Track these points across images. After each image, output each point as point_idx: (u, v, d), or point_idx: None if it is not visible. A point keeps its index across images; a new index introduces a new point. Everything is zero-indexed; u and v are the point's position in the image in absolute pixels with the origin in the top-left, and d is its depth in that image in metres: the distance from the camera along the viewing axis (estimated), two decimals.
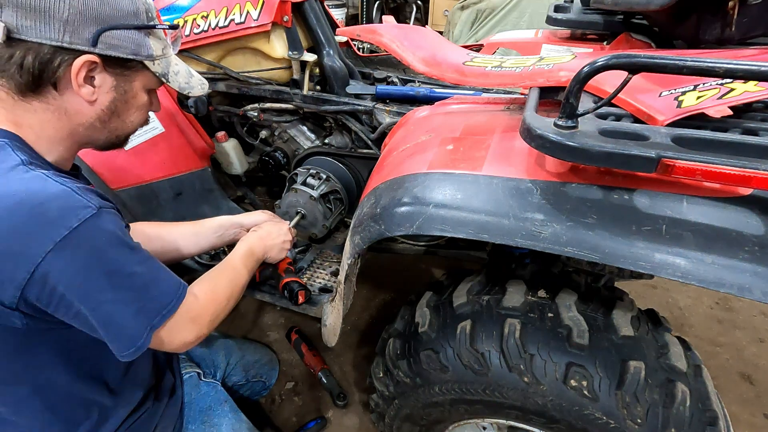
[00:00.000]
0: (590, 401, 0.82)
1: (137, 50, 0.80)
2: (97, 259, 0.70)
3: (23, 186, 0.67)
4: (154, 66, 0.84)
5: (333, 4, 4.81)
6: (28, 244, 0.65)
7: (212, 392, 1.16)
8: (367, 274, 2.20)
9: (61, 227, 0.66)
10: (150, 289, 0.77)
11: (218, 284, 0.96)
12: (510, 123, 0.96)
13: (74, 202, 0.69)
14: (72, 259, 0.68)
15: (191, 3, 1.42)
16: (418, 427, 1.15)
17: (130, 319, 0.74)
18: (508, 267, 1.10)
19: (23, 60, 0.70)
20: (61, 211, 0.67)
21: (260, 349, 1.55)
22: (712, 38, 1.00)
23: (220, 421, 1.10)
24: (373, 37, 1.27)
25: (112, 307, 0.72)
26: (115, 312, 0.72)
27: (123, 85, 0.82)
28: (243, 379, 1.41)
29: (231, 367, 1.38)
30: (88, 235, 0.69)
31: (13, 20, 0.69)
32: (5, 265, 0.66)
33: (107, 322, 0.73)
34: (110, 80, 0.79)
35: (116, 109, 0.83)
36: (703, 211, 0.67)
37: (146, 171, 1.45)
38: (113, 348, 0.75)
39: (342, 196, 1.49)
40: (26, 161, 0.71)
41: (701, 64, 0.57)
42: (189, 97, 1.49)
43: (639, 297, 2.13)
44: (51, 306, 0.70)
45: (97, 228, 0.70)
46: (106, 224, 0.71)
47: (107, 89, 0.80)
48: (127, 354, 0.75)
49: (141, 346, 0.75)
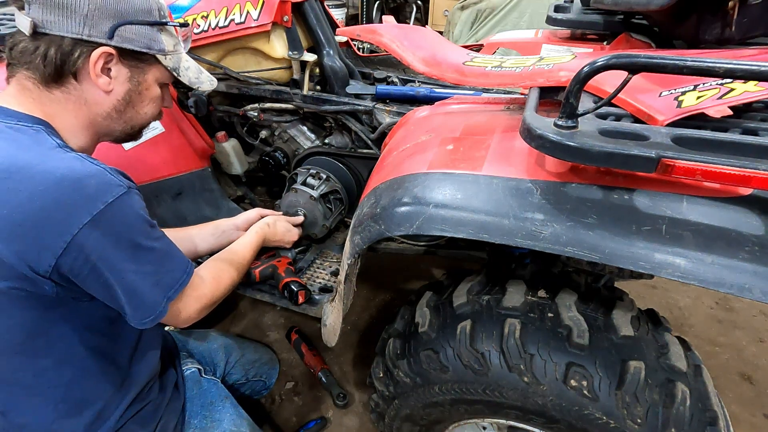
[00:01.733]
0: (590, 401, 0.82)
1: (150, 44, 0.87)
2: (125, 233, 0.77)
3: (65, 164, 0.74)
4: (166, 60, 0.91)
5: (333, 4, 4.81)
6: (68, 215, 0.71)
7: (213, 388, 1.17)
8: (367, 274, 2.20)
9: (98, 202, 0.73)
10: (165, 263, 0.84)
11: (224, 269, 1.03)
12: (510, 123, 0.96)
13: (110, 180, 0.76)
14: (105, 232, 0.74)
15: (191, 3, 1.42)
16: (418, 427, 1.14)
17: (150, 290, 0.80)
18: (508, 267, 1.10)
19: (47, 52, 0.78)
20: (99, 187, 0.74)
21: (260, 349, 1.55)
22: (712, 38, 1.00)
23: (222, 416, 1.11)
24: (373, 37, 1.27)
25: (134, 277, 0.78)
26: (137, 282, 0.79)
27: (137, 77, 0.88)
28: (243, 377, 1.42)
29: (231, 365, 1.38)
30: (120, 211, 0.76)
31: (39, 15, 0.77)
32: (46, 233, 0.71)
33: (131, 291, 0.79)
34: (125, 71, 0.86)
35: (131, 100, 0.89)
36: (703, 211, 0.67)
37: (146, 171, 1.45)
38: (134, 315, 0.81)
39: (342, 196, 1.49)
40: (62, 145, 0.79)
41: (701, 64, 0.57)
42: (190, 97, 1.49)
43: (639, 297, 2.13)
44: (81, 275, 0.75)
45: (127, 205, 0.77)
46: (134, 202, 0.79)
47: (123, 80, 0.86)
48: (147, 321, 0.81)
49: (159, 314, 0.82)
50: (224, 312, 2.04)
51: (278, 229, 1.30)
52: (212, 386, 1.18)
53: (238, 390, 1.41)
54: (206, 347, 1.35)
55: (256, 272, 1.27)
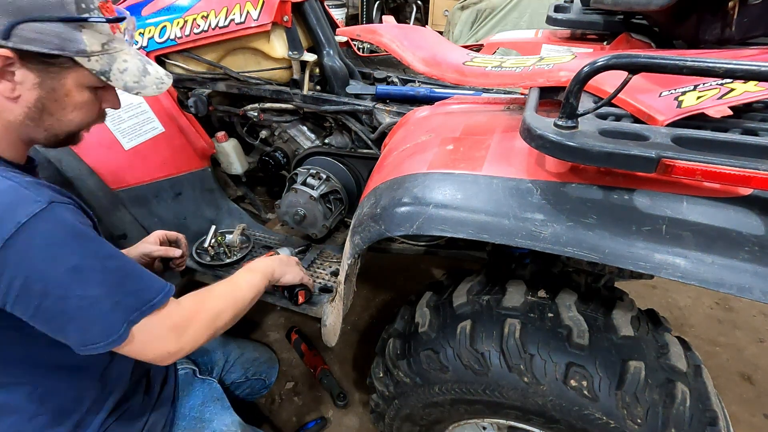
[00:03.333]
0: (590, 401, 0.82)
1: (63, 45, 0.71)
2: (54, 253, 0.68)
3: None
4: (90, 63, 0.75)
5: (333, 4, 4.81)
6: None
7: (206, 389, 1.16)
8: (367, 274, 2.20)
9: (8, 223, 0.65)
10: (125, 284, 0.74)
11: (208, 297, 0.90)
12: (510, 123, 0.96)
13: (22, 198, 0.67)
14: (26, 256, 0.66)
15: (191, 3, 1.42)
16: (418, 427, 1.14)
17: (107, 313, 0.71)
18: (508, 267, 1.10)
19: None
20: (8, 206, 0.66)
21: (259, 348, 1.55)
22: (712, 38, 1.00)
23: (212, 417, 1.10)
24: (373, 37, 1.27)
25: (79, 303, 0.69)
26: (85, 306, 0.70)
27: (49, 83, 0.74)
28: (242, 376, 1.41)
29: (230, 364, 1.37)
30: (40, 230, 0.67)
31: None
32: None
33: (74, 317, 0.70)
34: (32, 76, 0.72)
35: (46, 108, 0.76)
36: (703, 211, 0.67)
37: (146, 171, 1.45)
38: (81, 341, 0.72)
39: (342, 196, 1.49)
40: None
41: (701, 64, 0.57)
42: (190, 97, 1.49)
43: (639, 297, 2.13)
44: (8, 304, 0.68)
45: (49, 222, 0.68)
46: (59, 218, 0.69)
47: (30, 86, 0.73)
48: (96, 346, 0.72)
49: (116, 340, 0.72)
50: None
51: (286, 275, 1.15)
52: (205, 387, 1.16)
53: (237, 388, 1.41)
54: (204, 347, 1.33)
55: None
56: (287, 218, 1.52)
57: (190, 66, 1.52)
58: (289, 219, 1.51)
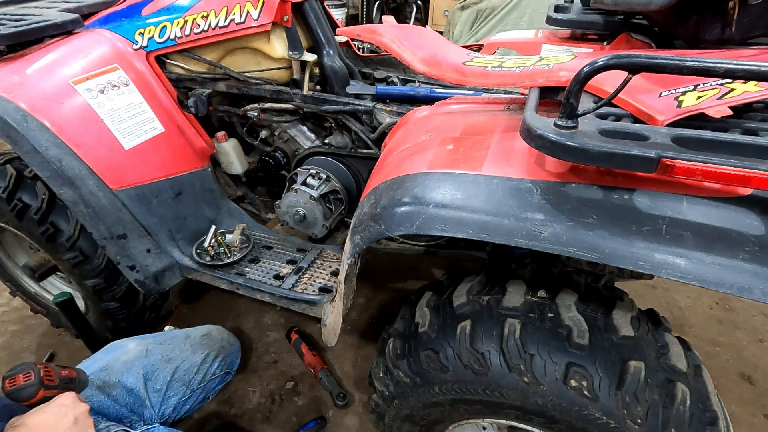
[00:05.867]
0: (590, 401, 0.82)
1: None
2: None
3: None
4: None
5: (333, 4, 4.81)
6: None
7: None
8: (367, 274, 2.20)
9: None
10: None
11: None
12: (510, 123, 0.96)
13: None
14: None
15: (191, 3, 1.42)
16: (418, 427, 1.14)
17: None
18: (508, 267, 1.10)
19: None
20: None
21: (198, 348, 1.35)
22: (713, 38, 1.00)
23: None
24: (373, 37, 1.27)
25: None
26: None
27: None
28: (187, 391, 1.26)
29: (162, 391, 1.20)
30: None
31: None
32: None
33: None
34: None
35: None
36: (703, 211, 0.67)
37: (146, 171, 1.45)
38: None
39: (342, 196, 1.49)
40: None
41: (701, 64, 0.57)
42: (190, 97, 1.49)
43: (639, 297, 2.13)
44: None
45: None
46: None
47: None
48: None
49: None
50: (224, 312, 2.04)
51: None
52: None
53: (188, 403, 1.27)
54: (118, 393, 1.13)
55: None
56: (287, 218, 1.52)
57: (190, 66, 1.52)
58: (289, 219, 1.51)
